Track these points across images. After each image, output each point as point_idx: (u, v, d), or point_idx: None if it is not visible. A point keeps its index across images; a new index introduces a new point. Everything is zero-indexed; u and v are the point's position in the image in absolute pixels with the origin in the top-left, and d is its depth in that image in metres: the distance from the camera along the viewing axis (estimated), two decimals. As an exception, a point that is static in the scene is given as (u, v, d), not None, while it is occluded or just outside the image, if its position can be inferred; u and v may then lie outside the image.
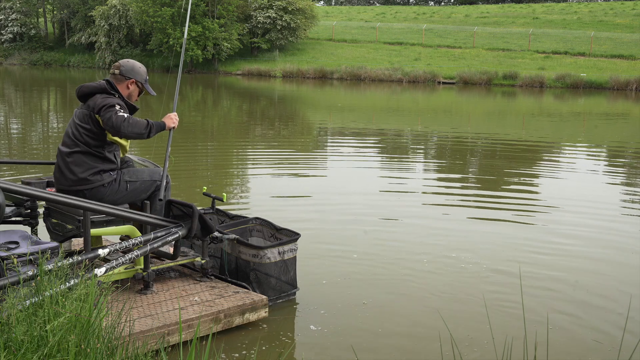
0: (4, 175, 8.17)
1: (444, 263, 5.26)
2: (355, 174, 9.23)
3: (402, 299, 4.52)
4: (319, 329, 3.95)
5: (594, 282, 4.98)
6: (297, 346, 3.75)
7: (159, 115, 4.73)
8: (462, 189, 8.39)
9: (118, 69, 4.14)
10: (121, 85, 4.12)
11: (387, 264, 5.21)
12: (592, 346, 3.84)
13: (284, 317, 4.12)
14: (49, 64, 45.72)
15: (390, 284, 4.77)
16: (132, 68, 4.15)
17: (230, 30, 38.34)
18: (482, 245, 5.78)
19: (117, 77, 4.13)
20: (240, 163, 10.34)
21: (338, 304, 4.34)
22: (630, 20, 44.39)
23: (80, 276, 2.97)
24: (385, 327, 4.01)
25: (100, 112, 3.88)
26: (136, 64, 4.20)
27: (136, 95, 4.22)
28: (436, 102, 24.15)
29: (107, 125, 3.86)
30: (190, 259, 4.31)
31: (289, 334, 3.91)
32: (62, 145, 4.06)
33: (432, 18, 50.55)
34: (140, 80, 4.18)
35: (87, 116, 3.98)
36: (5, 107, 18.58)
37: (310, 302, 4.35)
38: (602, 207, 7.34)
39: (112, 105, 3.88)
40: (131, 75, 4.14)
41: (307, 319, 4.10)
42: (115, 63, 4.20)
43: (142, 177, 4.15)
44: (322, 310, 4.22)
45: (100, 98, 3.97)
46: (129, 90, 4.15)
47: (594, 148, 13.02)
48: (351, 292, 4.57)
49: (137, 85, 4.19)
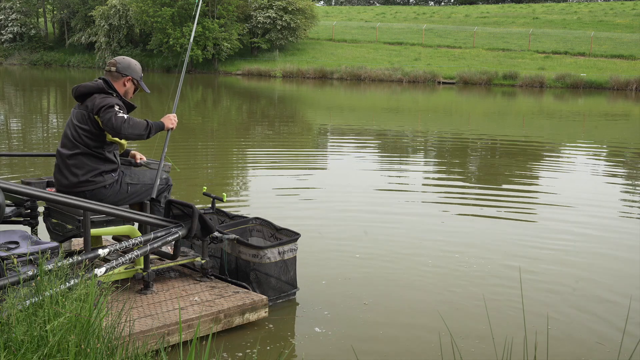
0: (4, 174, 8.17)
1: (444, 263, 5.27)
2: (355, 173, 9.23)
3: (402, 298, 4.52)
4: (319, 329, 3.95)
5: (594, 282, 4.98)
6: (297, 346, 3.75)
7: (158, 115, 4.73)
8: (462, 189, 8.39)
9: (114, 66, 4.12)
10: (117, 83, 4.11)
11: (387, 264, 5.21)
12: (592, 346, 3.84)
13: (284, 317, 4.12)
14: (49, 64, 45.73)
15: (390, 284, 4.77)
16: (128, 65, 4.15)
17: (230, 30, 38.35)
18: (483, 245, 5.78)
19: (114, 74, 4.11)
20: (240, 163, 10.33)
21: (338, 303, 4.34)
22: (630, 20, 44.41)
23: (80, 276, 2.97)
24: (385, 327, 4.01)
25: (100, 113, 3.87)
26: (132, 61, 4.19)
27: (132, 92, 4.21)
28: (436, 102, 24.15)
29: (106, 126, 3.84)
30: (190, 259, 4.31)
31: (289, 334, 3.91)
32: (62, 147, 4.03)
33: (432, 18, 50.57)
34: (136, 78, 4.18)
35: (85, 117, 3.95)
36: (6, 107, 18.58)
37: (310, 302, 4.35)
38: (603, 206, 7.34)
39: (111, 105, 3.87)
40: (127, 72, 4.14)
41: (307, 319, 4.10)
42: (111, 60, 4.18)
43: (143, 180, 4.15)
44: (322, 310, 4.23)
45: (99, 98, 3.95)
46: (125, 88, 4.14)
47: (594, 148, 13.02)
48: (351, 292, 4.57)
49: (133, 83, 4.19)
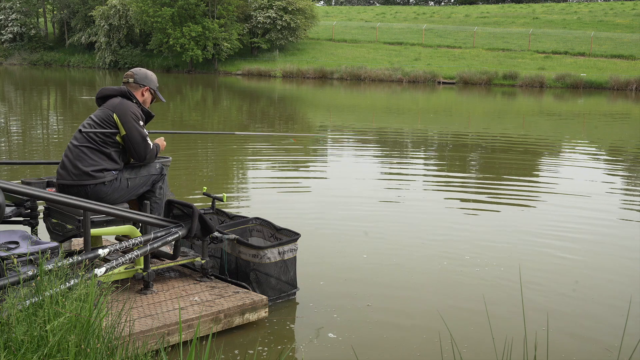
0: (4, 175, 8.16)
1: (444, 262, 5.27)
2: (356, 173, 9.23)
3: (402, 298, 4.52)
4: (319, 329, 3.95)
5: (594, 281, 4.98)
6: (297, 346, 3.75)
7: (158, 115, 4.76)
8: (462, 188, 8.39)
9: (132, 77, 4.31)
10: (137, 93, 4.30)
11: (387, 264, 5.21)
12: (592, 346, 3.84)
13: (284, 317, 4.12)
14: (49, 64, 45.73)
15: (390, 284, 4.76)
16: (145, 76, 4.35)
17: (230, 30, 38.36)
18: (483, 245, 5.78)
19: (132, 85, 4.30)
20: (240, 163, 10.33)
21: (338, 304, 4.34)
22: (630, 20, 44.43)
23: (80, 276, 2.97)
24: (384, 327, 4.01)
25: (125, 121, 4.04)
26: (149, 72, 4.40)
27: (149, 102, 4.40)
28: (436, 102, 24.15)
29: (135, 151, 4.08)
30: (190, 259, 4.31)
31: (289, 334, 3.91)
32: (72, 140, 4.15)
33: (432, 18, 50.58)
34: (153, 88, 4.38)
35: (105, 116, 4.09)
36: (5, 107, 18.58)
37: (310, 302, 4.35)
38: (603, 206, 7.34)
39: (140, 128, 4.09)
40: (145, 82, 4.33)
41: (307, 319, 4.10)
42: (128, 72, 4.37)
43: (140, 173, 4.25)
44: (322, 310, 4.22)
45: (126, 103, 4.12)
46: (143, 97, 4.34)
47: (594, 148, 13.02)
48: (351, 292, 4.57)
49: (150, 93, 4.37)
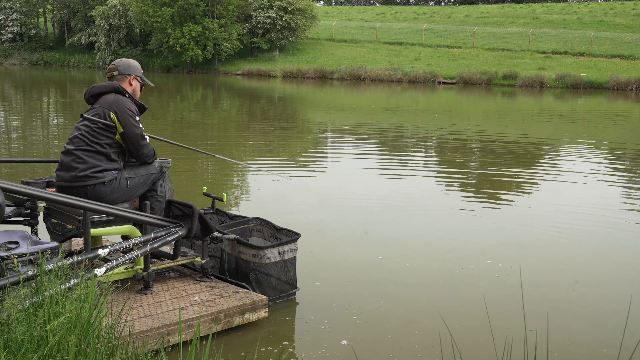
0: (4, 175, 8.16)
1: (444, 262, 5.26)
2: (355, 173, 9.23)
3: (402, 298, 4.52)
4: (319, 328, 3.95)
5: (594, 281, 4.99)
6: (297, 346, 3.75)
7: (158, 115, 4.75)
8: (462, 188, 8.39)
9: (116, 69, 4.21)
10: (124, 84, 4.20)
11: (387, 264, 5.21)
12: (592, 346, 3.84)
13: (284, 317, 4.12)
14: (49, 64, 45.70)
15: (390, 284, 4.76)
16: (128, 65, 4.25)
17: (230, 30, 38.34)
18: (483, 244, 5.78)
19: (117, 77, 4.20)
20: (240, 163, 10.31)
21: (338, 303, 4.34)
22: (630, 20, 44.41)
23: (80, 276, 2.97)
24: (385, 327, 4.01)
25: (122, 118, 3.97)
26: (130, 61, 4.29)
27: (139, 89, 4.30)
28: (436, 102, 24.14)
29: (134, 149, 4.04)
30: (190, 259, 4.31)
31: (289, 334, 3.91)
32: (69, 142, 4.08)
33: (432, 18, 50.57)
34: (139, 75, 4.28)
35: (102, 114, 4.01)
36: (6, 107, 18.57)
37: (310, 302, 4.35)
38: (603, 206, 7.33)
39: (137, 125, 4.03)
40: (130, 72, 4.23)
41: (307, 319, 4.09)
42: (109, 66, 4.27)
43: (140, 173, 4.19)
44: (322, 310, 4.22)
45: (121, 99, 4.05)
46: (132, 87, 4.24)
47: (594, 147, 13.01)
48: (351, 292, 4.57)
49: (138, 80, 4.27)
